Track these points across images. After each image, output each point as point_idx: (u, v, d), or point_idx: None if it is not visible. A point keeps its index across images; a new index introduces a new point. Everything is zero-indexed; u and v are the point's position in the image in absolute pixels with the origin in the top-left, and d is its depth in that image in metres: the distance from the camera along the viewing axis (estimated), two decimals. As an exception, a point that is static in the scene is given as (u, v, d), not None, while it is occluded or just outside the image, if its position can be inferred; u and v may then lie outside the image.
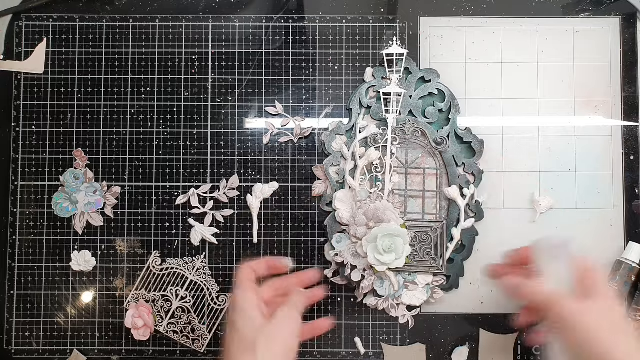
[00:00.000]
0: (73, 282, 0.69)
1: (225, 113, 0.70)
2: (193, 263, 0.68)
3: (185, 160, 0.69)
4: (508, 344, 0.68)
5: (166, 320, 0.67)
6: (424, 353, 0.68)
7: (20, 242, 0.69)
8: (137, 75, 0.70)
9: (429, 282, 0.66)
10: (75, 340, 0.69)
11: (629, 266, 0.66)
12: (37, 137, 0.70)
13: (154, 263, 0.68)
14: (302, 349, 0.68)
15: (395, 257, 0.63)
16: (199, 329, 0.67)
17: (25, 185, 0.69)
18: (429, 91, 0.68)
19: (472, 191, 0.66)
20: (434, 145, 0.67)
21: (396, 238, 0.63)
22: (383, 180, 0.66)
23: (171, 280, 0.68)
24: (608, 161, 0.69)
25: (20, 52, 0.70)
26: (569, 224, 0.69)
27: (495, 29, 0.70)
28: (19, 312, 0.69)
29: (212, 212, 0.69)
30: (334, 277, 0.67)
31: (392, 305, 0.66)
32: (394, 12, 0.70)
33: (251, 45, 0.70)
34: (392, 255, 0.62)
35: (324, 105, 0.69)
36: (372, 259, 0.62)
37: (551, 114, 0.69)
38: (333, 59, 0.70)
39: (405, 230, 0.63)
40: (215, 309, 0.68)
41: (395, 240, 0.63)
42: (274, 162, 0.69)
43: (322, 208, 0.67)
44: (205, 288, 0.68)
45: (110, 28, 0.70)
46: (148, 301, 0.67)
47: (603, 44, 0.70)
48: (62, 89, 0.70)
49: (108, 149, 0.69)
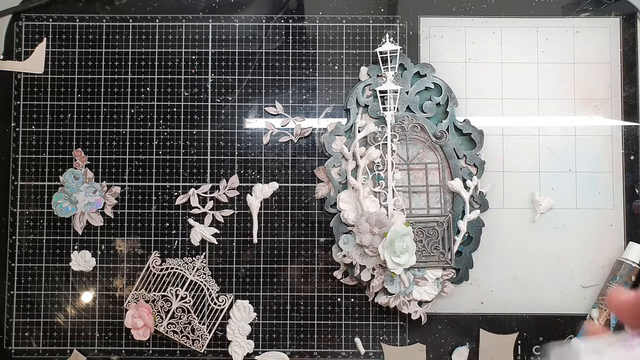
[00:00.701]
0: (73, 282, 0.69)
1: (225, 113, 0.70)
2: (193, 263, 0.68)
3: (185, 160, 0.69)
4: (508, 344, 0.68)
5: (166, 320, 0.67)
6: (424, 353, 0.68)
7: (20, 242, 0.69)
8: (137, 75, 0.70)
9: (439, 277, 0.66)
10: (75, 340, 0.68)
11: (629, 266, 0.66)
12: (37, 137, 0.70)
13: (154, 263, 0.68)
14: (302, 349, 0.68)
15: (409, 256, 0.63)
16: (198, 329, 0.67)
17: (25, 185, 0.69)
18: (425, 86, 0.68)
19: (475, 182, 0.66)
20: (433, 139, 0.67)
21: (406, 237, 0.63)
22: (385, 178, 0.66)
23: (171, 281, 0.68)
24: (608, 161, 0.69)
25: (20, 52, 0.70)
26: (569, 224, 0.69)
27: (495, 29, 0.70)
28: (19, 312, 0.69)
29: (212, 212, 0.69)
30: (343, 278, 0.67)
31: (404, 302, 0.66)
32: (394, 12, 0.70)
33: (251, 45, 0.70)
34: (406, 255, 0.63)
35: (323, 105, 0.69)
36: (391, 264, 0.62)
37: (551, 114, 0.69)
38: (333, 59, 0.70)
39: (410, 227, 0.64)
40: (215, 309, 0.68)
41: (405, 240, 0.63)
42: (274, 162, 0.69)
43: (327, 210, 0.67)
44: (205, 288, 0.68)
45: (110, 28, 0.70)
46: (148, 301, 0.67)
47: (603, 44, 0.70)
48: (62, 89, 0.70)
49: (108, 149, 0.69)
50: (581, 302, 0.68)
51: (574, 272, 0.68)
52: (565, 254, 0.68)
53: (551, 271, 0.68)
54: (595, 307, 0.67)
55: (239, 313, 0.68)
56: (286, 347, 0.68)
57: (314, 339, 0.68)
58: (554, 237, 0.68)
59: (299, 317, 0.68)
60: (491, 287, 0.68)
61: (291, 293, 0.68)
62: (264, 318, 0.68)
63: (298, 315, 0.68)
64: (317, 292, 0.68)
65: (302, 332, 0.68)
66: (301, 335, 0.68)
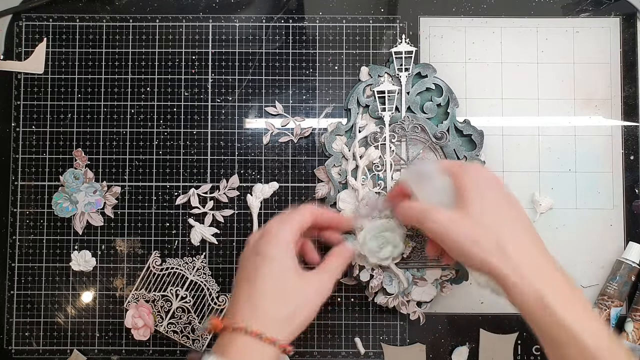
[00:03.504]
0: (73, 282, 0.69)
1: (225, 113, 0.70)
2: (193, 263, 0.68)
3: (185, 160, 0.69)
4: (508, 344, 0.68)
5: (166, 320, 0.67)
6: (424, 353, 0.68)
7: (20, 242, 0.69)
8: (137, 75, 0.70)
9: (438, 277, 0.66)
10: (75, 340, 0.69)
11: (629, 266, 0.66)
12: (37, 137, 0.70)
13: (154, 263, 0.68)
14: (302, 349, 0.68)
15: (393, 246, 0.62)
16: (199, 329, 0.67)
17: (25, 185, 0.69)
18: (426, 86, 0.68)
19: None
20: (434, 140, 0.67)
21: (385, 233, 0.62)
22: (385, 178, 0.66)
23: (171, 280, 0.68)
24: (608, 161, 0.69)
25: (20, 52, 0.70)
26: (569, 224, 0.69)
27: (495, 29, 0.70)
28: (19, 312, 0.69)
29: (212, 212, 0.69)
30: (343, 277, 0.67)
31: (403, 302, 0.66)
32: (394, 12, 0.70)
33: (251, 45, 0.70)
34: (388, 247, 0.62)
35: (324, 105, 0.69)
36: (375, 259, 0.62)
37: (551, 114, 0.69)
38: (333, 59, 0.70)
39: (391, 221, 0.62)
40: (216, 309, 0.68)
41: (385, 235, 0.62)
42: (274, 162, 0.69)
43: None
44: (205, 288, 0.68)
45: (110, 28, 0.70)
46: (148, 301, 0.67)
47: (603, 44, 0.70)
48: (62, 89, 0.70)
49: (108, 149, 0.69)
50: (581, 302, 0.68)
51: (573, 272, 0.68)
52: (565, 254, 0.68)
53: (551, 271, 0.68)
54: (595, 306, 0.67)
55: (239, 313, 0.68)
56: (286, 347, 0.68)
57: (314, 339, 0.68)
58: (554, 237, 0.68)
59: (299, 317, 0.68)
60: (491, 287, 0.68)
61: (291, 293, 0.68)
62: (264, 318, 0.68)
63: (298, 315, 0.68)
64: (317, 292, 0.68)
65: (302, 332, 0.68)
66: (301, 335, 0.68)
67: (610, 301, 0.66)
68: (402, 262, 0.65)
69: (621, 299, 0.66)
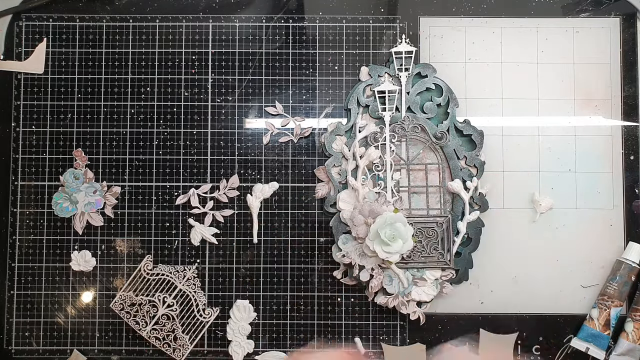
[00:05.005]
0: (73, 282, 0.69)
1: (225, 113, 0.70)
2: (184, 272, 0.68)
3: (185, 160, 0.69)
4: (508, 344, 0.68)
5: (150, 325, 0.67)
6: (424, 353, 0.68)
7: (20, 242, 0.69)
8: (137, 75, 0.70)
9: (438, 277, 0.66)
10: (75, 340, 0.69)
11: (629, 266, 0.66)
12: (37, 137, 0.70)
13: (145, 267, 0.68)
14: (302, 349, 0.68)
15: (402, 242, 0.62)
16: (181, 338, 0.67)
17: (25, 185, 0.69)
18: (426, 86, 0.68)
19: (475, 184, 0.66)
20: (434, 140, 0.67)
21: (395, 224, 0.63)
22: (385, 178, 0.66)
23: (160, 287, 0.68)
24: (608, 161, 0.69)
25: (20, 52, 0.70)
26: (569, 224, 0.69)
27: (495, 29, 0.70)
28: (19, 312, 0.69)
29: (212, 212, 0.69)
30: (343, 277, 0.67)
31: (402, 302, 0.66)
32: (394, 12, 0.70)
33: (251, 45, 0.70)
34: (398, 242, 0.62)
35: (324, 105, 0.69)
36: (382, 253, 0.62)
37: (551, 114, 0.69)
38: (333, 59, 0.70)
39: (399, 213, 0.63)
40: (201, 320, 0.67)
41: (395, 227, 0.62)
42: (274, 162, 0.69)
43: (327, 210, 0.67)
44: (193, 299, 0.67)
45: (110, 28, 0.70)
46: (134, 304, 0.67)
47: (603, 44, 0.70)
48: (62, 89, 0.70)
49: (108, 149, 0.69)
50: (581, 302, 0.68)
51: (573, 272, 0.68)
52: (565, 254, 0.68)
53: (551, 271, 0.68)
54: (595, 306, 0.67)
55: (239, 313, 0.68)
56: (286, 347, 0.68)
57: (314, 339, 0.68)
58: (554, 237, 0.68)
59: (299, 317, 0.68)
60: (491, 287, 0.68)
61: (291, 293, 0.68)
62: (264, 318, 0.68)
63: (298, 315, 0.68)
64: (317, 292, 0.68)
65: (302, 332, 0.68)
66: (301, 335, 0.68)
67: (610, 301, 0.66)
68: (402, 262, 0.65)
69: (621, 299, 0.66)
